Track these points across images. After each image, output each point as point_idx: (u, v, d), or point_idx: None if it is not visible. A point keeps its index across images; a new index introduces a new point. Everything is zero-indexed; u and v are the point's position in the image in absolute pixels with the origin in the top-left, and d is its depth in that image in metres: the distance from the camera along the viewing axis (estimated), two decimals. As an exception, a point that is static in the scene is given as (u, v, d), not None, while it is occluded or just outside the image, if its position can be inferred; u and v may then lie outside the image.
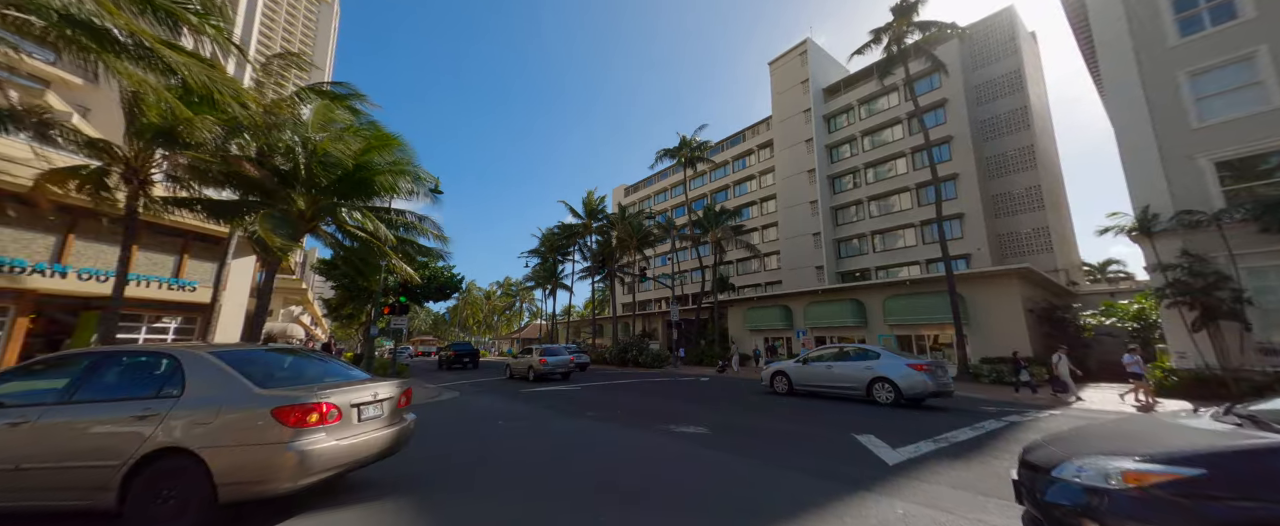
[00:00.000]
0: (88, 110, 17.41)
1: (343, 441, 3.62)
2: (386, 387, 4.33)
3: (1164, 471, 2.23)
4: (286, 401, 3.44)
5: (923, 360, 10.70)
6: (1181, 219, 12.92)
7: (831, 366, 11.80)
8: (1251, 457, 2.15)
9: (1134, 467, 2.31)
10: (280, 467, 3.31)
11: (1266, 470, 2.07)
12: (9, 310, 12.62)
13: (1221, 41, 13.39)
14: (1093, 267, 42.12)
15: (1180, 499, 2.12)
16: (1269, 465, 2.08)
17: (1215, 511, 2.03)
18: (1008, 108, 32.81)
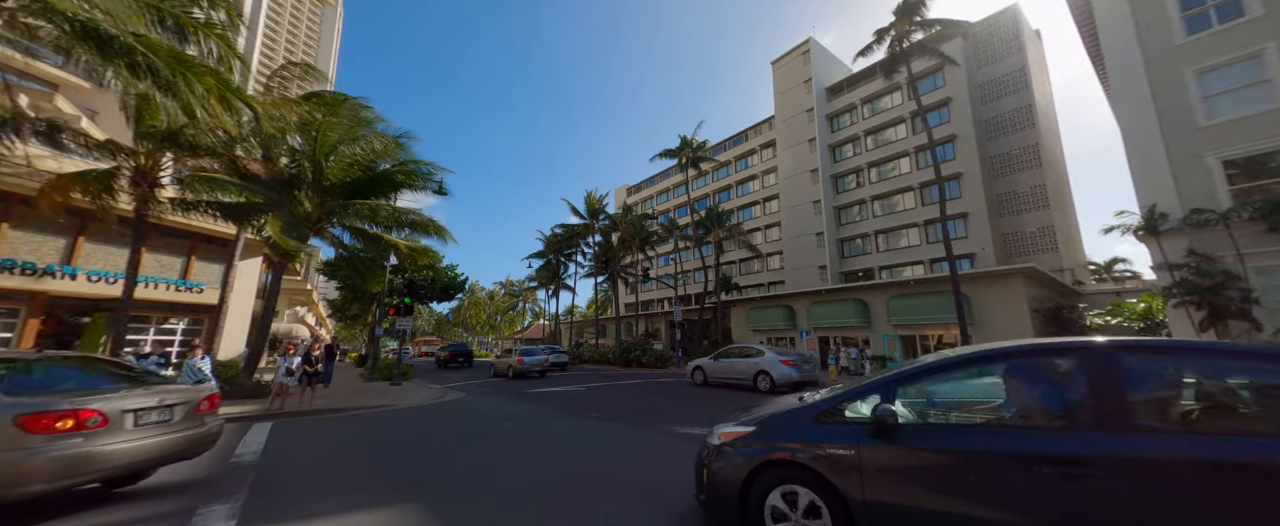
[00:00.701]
0: (95, 113, 17.57)
1: (107, 446, 3.76)
2: (178, 393, 4.52)
3: (736, 429, 3.42)
4: (33, 408, 3.56)
5: (792, 357, 13.72)
6: (1189, 218, 12.83)
7: (733, 363, 14.53)
8: (775, 417, 3.44)
9: (727, 429, 3.49)
10: (27, 472, 3.43)
11: (781, 426, 3.33)
12: (20, 312, 12.77)
13: (1229, 39, 13.29)
14: (1099, 267, 41.85)
15: (737, 445, 3.31)
16: (783, 423, 3.34)
17: (747, 450, 3.23)
18: (1012, 106, 32.64)
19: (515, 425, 8.38)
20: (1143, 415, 2.30)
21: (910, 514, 2.56)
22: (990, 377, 2.99)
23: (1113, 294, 25.36)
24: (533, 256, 41.16)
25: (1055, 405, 2.63)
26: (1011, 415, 2.79)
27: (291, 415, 9.48)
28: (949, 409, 3.10)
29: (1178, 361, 2.60)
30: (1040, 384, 2.75)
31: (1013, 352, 2.90)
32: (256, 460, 5.85)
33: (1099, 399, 2.35)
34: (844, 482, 2.74)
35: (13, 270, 12.06)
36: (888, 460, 2.67)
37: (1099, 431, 2.26)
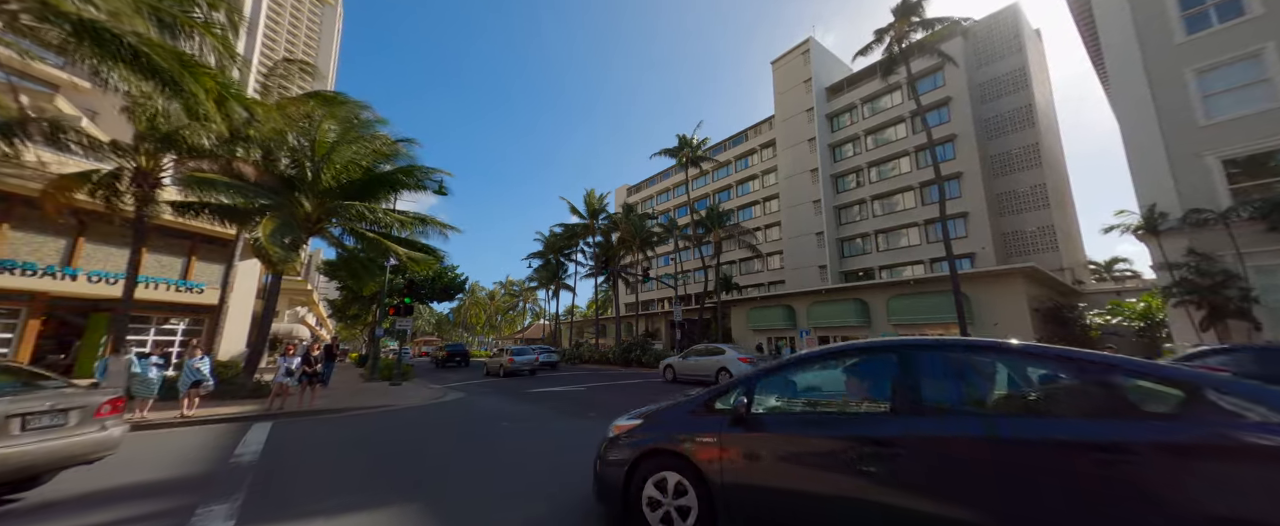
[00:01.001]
0: (96, 114, 17.59)
1: None
2: (74, 397, 4.54)
3: (627, 423, 3.74)
4: None
5: (750, 354, 15.10)
6: (1188, 217, 12.83)
7: (698, 360, 15.51)
8: (660, 411, 3.73)
9: (620, 423, 3.80)
10: None
11: (664, 419, 3.62)
12: (21, 312, 12.80)
13: (1229, 38, 13.28)
14: (1099, 266, 41.82)
15: (625, 437, 3.61)
16: (666, 416, 3.64)
17: (633, 442, 3.52)
18: (1012, 106, 32.63)
19: (515, 425, 8.39)
20: (937, 401, 2.71)
21: (759, 491, 2.92)
22: (835, 372, 3.41)
23: (1113, 293, 25.35)
24: (532, 256, 41.21)
25: (876, 394, 3.02)
26: (845, 403, 3.24)
27: (291, 415, 9.49)
28: (799, 400, 3.42)
29: (964, 356, 2.94)
30: (865, 377, 3.21)
31: (845, 351, 3.40)
32: (256, 460, 5.86)
33: (907, 388, 2.76)
34: (707, 467, 3.09)
35: (13, 271, 12.08)
36: (742, 445, 3.04)
37: (907, 415, 2.67)
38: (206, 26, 8.08)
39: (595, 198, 36.73)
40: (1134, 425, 2.22)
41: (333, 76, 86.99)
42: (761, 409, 3.21)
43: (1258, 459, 1.95)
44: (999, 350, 2.93)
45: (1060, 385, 2.68)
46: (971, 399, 2.78)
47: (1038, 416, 2.56)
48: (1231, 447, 2.01)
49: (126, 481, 5.00)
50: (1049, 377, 2.76)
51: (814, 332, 25.51)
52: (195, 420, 8.48)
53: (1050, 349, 2.77)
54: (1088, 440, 2.20)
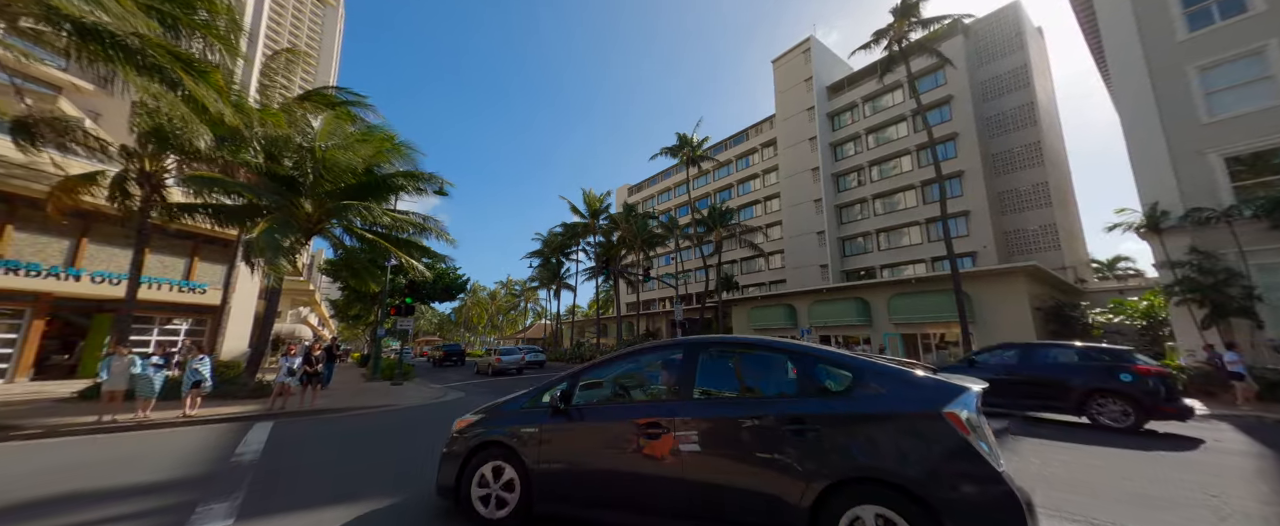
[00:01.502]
0: (99, 115, 17.68)
1: None
2: None
3: (469, 418, 4.08)
4: None
5: None
6: (1191, 215, 12.78)
7: None
8: (497, 405, 4.11)
9: (463, 418, 4.11)
10: None
11: (499, 413, 4.00)
12: (25, 313, 12.88)
13: (1231, 36, 13.21)
14: (1101, 265, 41.64)
15: (465, 432, 3.95)
16: (502, 410, 4.01)
17: (471, 435, 3.86)
18: (1014, 104, 32.51)
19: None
20: (701, 389, 3.28)
21: (568, 472, 3.39)
22: (641, 367, 3.92)
23: (1115, 292, 25.24)
24: (531, 255, 41.26)
25: (666, 384, 3.53)
26: (644, 393, 3.73)
27: (292, 415, 9.53)
28: (609, 391, 3.81)
29: (729, 351, 3.55)
30: (660, 370, 3.70)
31: (649, 349, 3.92)
32: (257, 459, 5.89)
33: (687, 380, 3.30)
34: (527, 454, 3.51)
35: (18, 271, 12.16)
36: (557, 433, 3.49)
37: (676, 400, 3.25)
38: (209, 28, 8.12)
39: (596, 197, 36.74)
40: (820, 402, 2.89)
41: (334, 76, 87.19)
42: (580, 401, 3.60)
43: (880, 424, 2.68)
44: (755, 346, 3.50)
45: (790, 373, 3.22)
46: (729, 387, 3.42)
47: (766, 398, 3.18)
48: (867, 416, 2.73)
49: (128, 480, 5.03)
50: (783, 364, 3.31)
51: (815, 332, 25.48)
52: (197, 420, 8.53)
53: (784, 343, 3.37)
54: (791, 414, 2.85)
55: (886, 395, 2.76)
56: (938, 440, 2.53)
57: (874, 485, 2.56)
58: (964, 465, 2.47)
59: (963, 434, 2.50)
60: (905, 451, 2.56)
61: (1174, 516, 3.89)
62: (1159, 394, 7.41)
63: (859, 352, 3.46)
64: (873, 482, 2.57)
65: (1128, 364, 7.73)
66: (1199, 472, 5.20)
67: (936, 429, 2.55)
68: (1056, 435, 7.17)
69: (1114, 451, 6.18)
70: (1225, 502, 4.19)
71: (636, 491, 3.14)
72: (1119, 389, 7.57)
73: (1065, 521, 3.73)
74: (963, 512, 2.38)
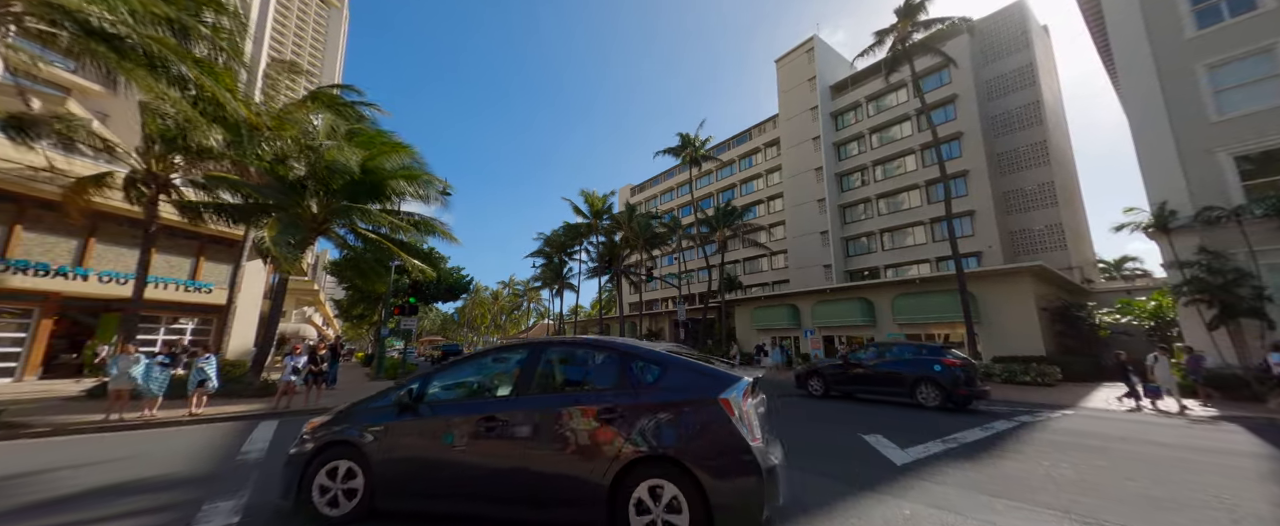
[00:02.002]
0: (106, 116, 17.83)
1: None
2: None
3: (317, 420, 4.04)
4: None
5: None
6: (1200, 215, 12.64)
7: None
8: (352, 407, 4.03)
9: (314, 420, 4.07)
10: None
11: (349, 414, 3.96)
12: (34, 312, 12.99)
13: (1241, 33, 13.07)
14: (1108, 265, 41.28)
15: (314, 433, 3.91)
16: (352, 410, 3.98)
17: (316, 436, 3.85)
18: (1019, 103, 32.28)
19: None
20: (538, 385, 3.62)
21: (408, 467, 3.54)
22: (488, 366, 4.13)
23: (1123, 292, 25.00)
24: (533, 254, 41.33)
25: (507, 382, 3.79)
26: (486, 390, 3.93)
27: (298, 414, 9.58)
28: (457, 389, 3.97)
29: (563, 350, 3.88)
30: (500, 370, 3.97)
31: (497, 349, 4.21)
32: (262, 457, 5.92)
33: (526, 376, 3.62)
34: (372, 451, 3.61)
35: (27, 271, 12.27)
36: (403, 430, 3.64)
37: (515, 396, 3.56)
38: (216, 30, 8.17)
39: (598, 197, 36.75)
40: (633, 393, 3.29)
41: (338, 77, 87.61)
42: (428, 399, 3.76)
43: (674, 410, 3.12)
44: (588, 345, 3.84)
45: (613, 368, 3.55)
46: (562, 383, 3.72)
47: (590, 392, 3.49)
48: (665, 404, 3.16)
49: (134, 477, 5.07)
50: (608, 362, 3.61)
51: (818, 332, 25.38)
52: (203, 418, 8.59)
53: (612, 342, 3.73)
54: (607, 404, 3.24)
55: (682, 385, 3.25)
56: (709, 421, 3.07)
57: (659, 461, 3.01)
58: (724, 440, 3.00)
59: (728, 415, 3.05)
60: (685, 431, 3.06)
61: (1183, 518, 3.85)
62: (958, 380, 9.80)
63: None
64: (659, 459, 3.01)
65: (940, 358, 10.14)
66: (1206, 474, 5.14)
67: (711, 412, 3.08)
68: (899, 411, 9.44)
69: (1116, 452, 6.12)
70: (1238, 504, 4.13)
71: (472, 481, 3.35)
72: (932, 377, 10.01)
73: (1075, 522, 3.69)
74: (716, 477, 2.92)
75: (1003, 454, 5.96)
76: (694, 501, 2.88)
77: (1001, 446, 6.39)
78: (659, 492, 2.95)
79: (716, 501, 2.87)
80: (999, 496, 4.25)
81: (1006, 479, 4.83)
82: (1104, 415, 9.60)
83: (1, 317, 12.56)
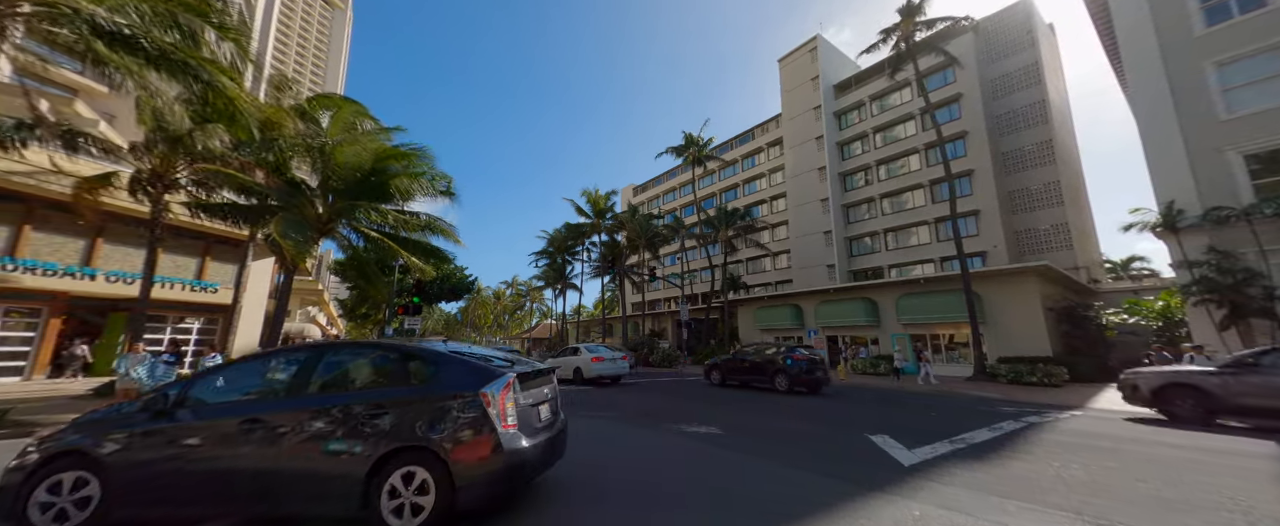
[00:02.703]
0: (113, 117, 17.95)
1: None
2: None
3: (46, 430, 3.80)
4: None
5: (603, 354, 15.95)
6: (1209, 214, 12.54)
7: (563, 359, 16.64)
8: (102, 412, 3.92)
9: (45, 431, 3.83)
10: None
11: (92, 420, 3.76)
12: (42, 311, 13.09)
13: (1250, 30, 12.95)
14: (1115, 265, 40.97)
15: (42, 441, 3.64)
16: (98, 417, 3.80)
17: (45, 446, 3.58)
18: (1025, 102, 32.09)
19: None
20: (310, 386, 3.65)
21: (155, 475, 3.44)
22: (261, 369, 4.03)
23: (1129, 292, 24.84)
24: (537, 254, 41.35)
25: (277, 383, 3.80)
26: (258, 392, 3.86)
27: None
28: (227, 394, 3.90)
29: (345, 353, 3.96)
30: (277, 371, 3.93)
31: (269, 354, 4.19)
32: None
33: (296, 377, 3.69)
34: (112, 459, 3.46)
35: (35, 271, 12.36)
36: (150, 437, 3.55)
37: (287, 397, 3.63)
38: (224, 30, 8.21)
39: (601, 197, 36.73)
40: (402, 389, 3.55)
41: (342, 79, 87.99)
42: (190, 403, 3.69)
43: (437, 403, 3.42)
44: (366, 346, 4.01)
45: (389, 367, 3.77)
46: (339, 383, 3.75)
47: (363, 390, 3.65)
48: (430, 398, 3.45)
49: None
50: (386, 362, 3.79)
51: (822, 332, 25.30)
52: (209, 417, 8.62)
53: (392, 344, 3.93)
54: (376, 400, 3.46)
55: (450, 381, 3.51)
56: (467, 412, 3.36)
57: (415, 450, 3.26)
58: (477, 430, 3.32)
59: (485, 406, 3.37)
60: (443, 422, 3.33)
61: (1196, 520, 3.80)
62: (800, 371, 12.72)
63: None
64: (415, 449, 3.26)
65: (792, 354, 13.25)
66: (1219, 475, 5.08)
67: (471, 404, 3.38)
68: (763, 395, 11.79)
69: (1127, 454, 6.06)
70: (1253, 506, 4.08)
71: (227, 483, 3.36)
72: (784, 369, 13.00)
73: (1087, 523, 3.66)
74: (462, 461, 3.24)
75: (1011, 455, 5.92)
76: (442, 483, 3.19)
77: (1010, 447, 6.34)
78: (412, 478, 3.20)
79: (461, 482, 3.21)
80: (1009, 497, 4.22)
81: (1016, 480, 4.78)
82: (1113, 416, 9.52)
83: (10, 317, 12.66)
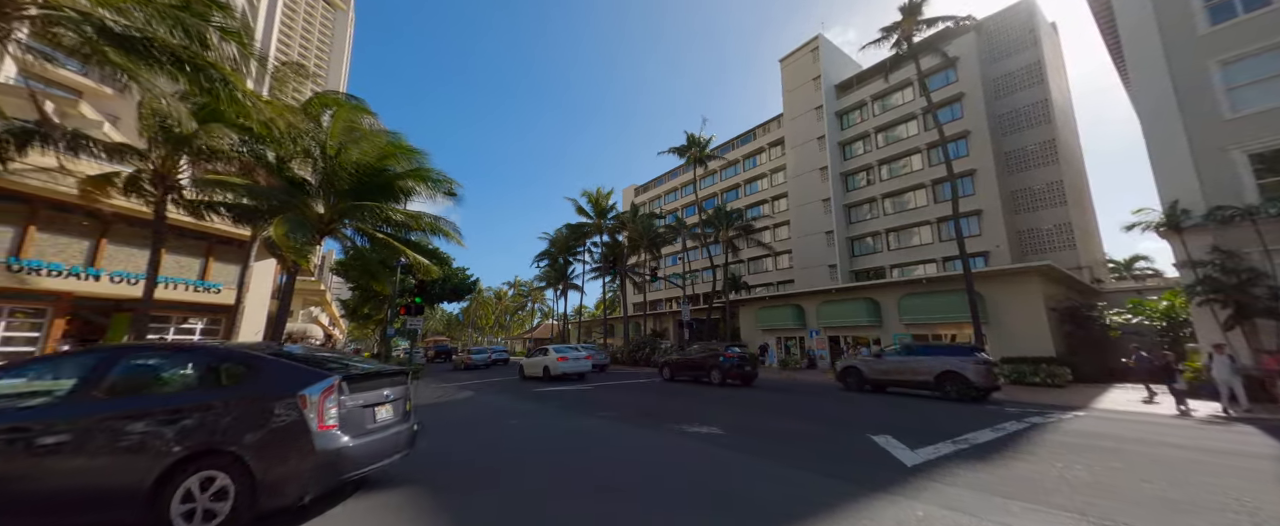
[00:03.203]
0: (117, 118, 18.03)
1: None
2: None
3: None
4: None
5: (568, 353, 17.51)
6: (1213, 214, 12.47)
7: (534, 358, 18.19)
8: None
9: None
10: None
11: None
12: (46, 312, 13.15)
13: (1255, 29, 12.88)
14: (1118, 265, 40.82)
15: None
16: None
17: None
18: (1027, 101, 31.99)
19: (522, 422, 8.43)
20: (99, 390, 3.44)
21: None
22: (36, 374, 3.83)
23: (1133, 292, 24.70)
24: (540, 256, 41.37)
25: (57, 389, 3.56)
26: (34, 399, 3.57)
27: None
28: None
29: (128, 356, 3.73)
30: (56, 376, 3.69)
31: (51, 357, 4.25)
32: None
33: (81, 382, 3.45)
34: None
35: (40, 271, 12.43)
36: None
37: (64, 403, 3.39)
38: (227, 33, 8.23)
39: (602, 197, 36.74)
40: (203, 393, 3.44)
41: (344, 80, 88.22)
42: None
43: (247, 406, 3.34)
44: (167, 348, 3.94)
45: (194, 369, 3.65)
46: (133, 387, 3.59)
47: (159, 394, 3.54)
48: (237, 400, 3.37)
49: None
50: (188, 364, 3.68)
51: (824, 332, 25.26)
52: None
53: (199, 344, 3.89)
54: (174, 405, 3.36)
55: (266, 383, 3.42)
56: (281, 414, 3.29)
57: (215, 455, 3.15)
58: (289, 432, 3.26)
59: (302, 409, 3.31)
60: (250, 425, 3.24)
61: (1202, 521, 3.78)
62: (731, 366, 15.05)
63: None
64: (215, 453, 3.15)
65: (724, 353, 15.34)
66: (1224, 476, 5.05)
67: (286, 407, 3.31)
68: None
69: (1131, 454, 6.03)
70: (1260, 507, 4.06)
71: None
72: (717, 365, 15.30)
73: (1091, 524, 3.64)
74: (267, 462, 3.17)
75: (1015, 455, 5.90)
76: (242, 486, 3.12)
77: (1013, 448, 6.32)
78: (211, 482, 3.12)
79: (265, 484, 3.16)
80: (1013, 498, 4.20)
81: (1020, 480, 4.77)
82: (1116, 416, 9.48)
83: (15, 317, 12.72)
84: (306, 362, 3.75)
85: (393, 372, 4.55)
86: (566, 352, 17.46)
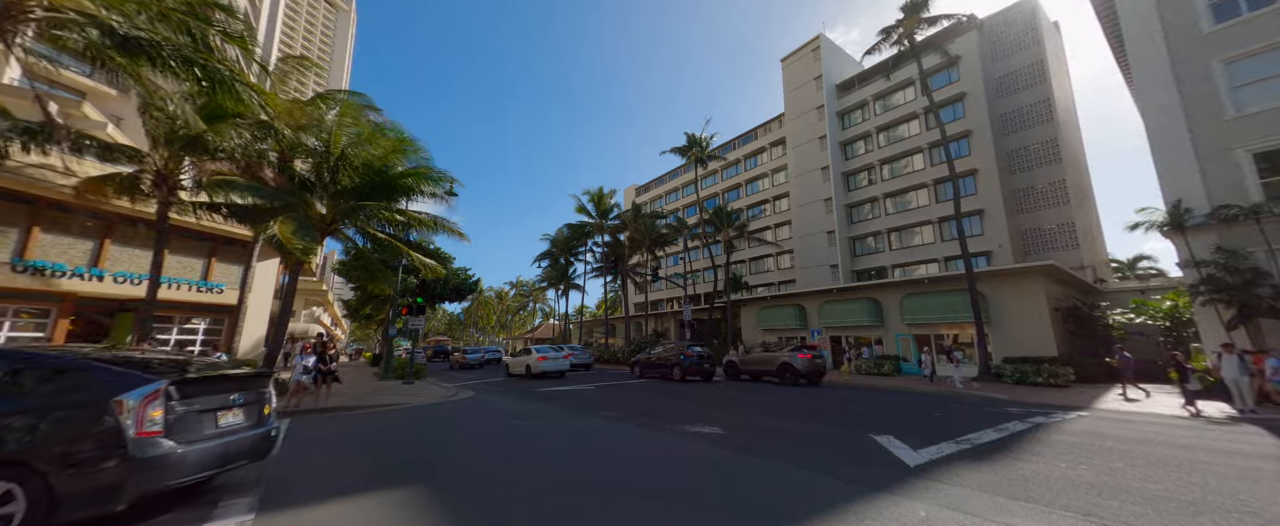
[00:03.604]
0: (121, 119, 18.09)
1: None
2: None
3: None
4: None
5: (547, 352, 19.02)
6: (1216, 213, 12.42)
7: (518, 358, 19.59)
8: None
9: None
10: None
11: None
12: (51, 312, 13.21)
13: (1259, 28, 12.83)
14: (1121, 264, 40.68)
15: None
16: None
17: None
18: (1030, 100, 31.89)
19: (525, 423, 8.44)
20: None
21: None
22: None
23: (1136, 292, 24.61)
24: (541, 257, 41.40)
25: None
26: None
27: (307, 413, 9.67)
28: None
29: None
30: None
31: None
32: (275, 454, 5.96)
33: None
34: None
35: (44, 272, 12.48)
36: None
37: None
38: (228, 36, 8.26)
39: (604, 197, 36.74)
40: (16, 399, 3.22)
41: (346, 80, 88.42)
42: None
43: (47, 414, 3.15)
44: None
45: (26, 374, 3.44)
46: None
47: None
48: (33, 409, 3.17)
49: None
50: (20, 367, 3.47)
51: (825, 332, 25.22)
52: (216, 417, 8.67)
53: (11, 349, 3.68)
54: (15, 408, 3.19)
55: (77, 389, 3.24)
56: (89, 421, 3.13)
57: (7, 465, 2.96)
58: (98, 439, 3.09)
59: (118, 415, 3.13)
60: (49, 433, 3.06)
61: (1208, 522, 3.77)
62: (691, 363, 16.82)
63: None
64: (8, 465, 2.96)
65: (685, 351, 17.12)
66: (1229, 477, 5.03)
67: (99, 412, 3.14)
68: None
69: (1135, 455, 6.01)
70: (1264, 508, 4.04)
71: None
72: (679, 362, 17.00)
73: (1095, 524, 3.63)
74: (72, 475, 3.01)
75: (1018, 455, 5.88)
76: (36, 497, 2.95)
77: (1016, 448, 6.31)
78: (7, 496, 2.94)
79: (65, 493, 2.99)
80: (1016, 499, 4.19)
81: (1023, 481, 4.76)
82: (1120, 417, 9.45)
83: (20, 318, 12.78)
84: (130, 366, 3.56)
85: (245, 376, 4.32)
86: (547, 352, 19.28)
